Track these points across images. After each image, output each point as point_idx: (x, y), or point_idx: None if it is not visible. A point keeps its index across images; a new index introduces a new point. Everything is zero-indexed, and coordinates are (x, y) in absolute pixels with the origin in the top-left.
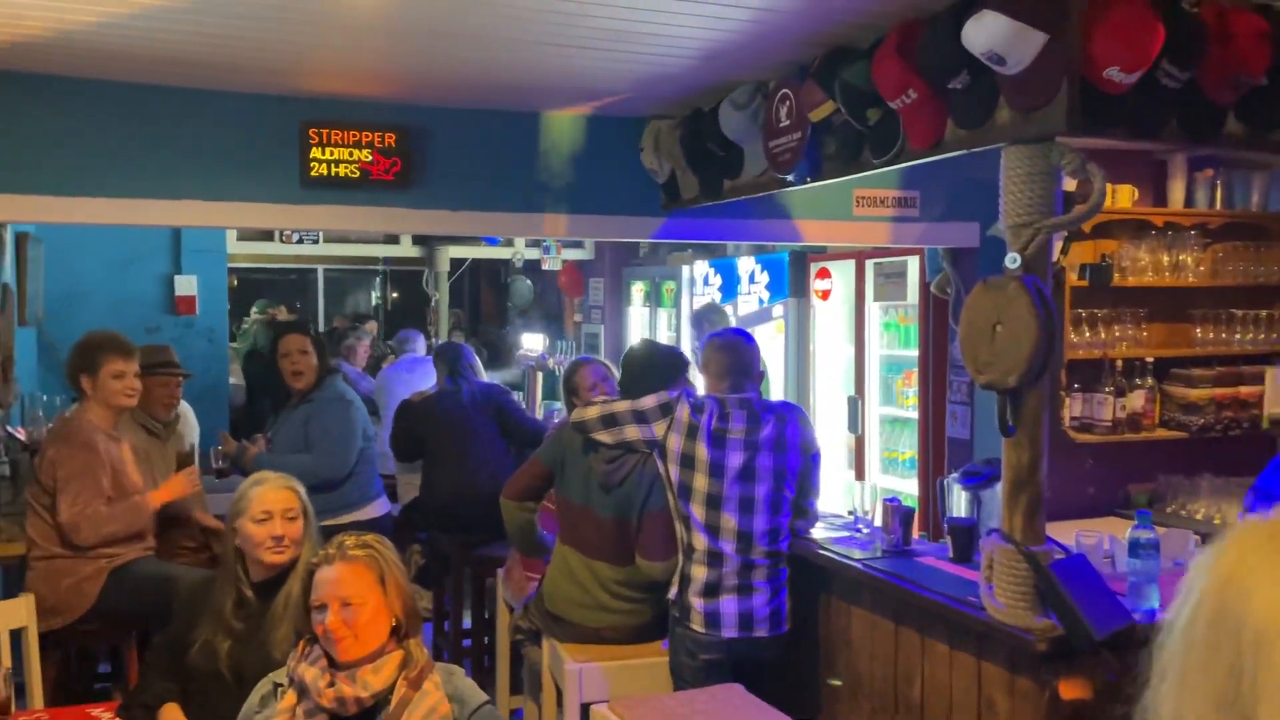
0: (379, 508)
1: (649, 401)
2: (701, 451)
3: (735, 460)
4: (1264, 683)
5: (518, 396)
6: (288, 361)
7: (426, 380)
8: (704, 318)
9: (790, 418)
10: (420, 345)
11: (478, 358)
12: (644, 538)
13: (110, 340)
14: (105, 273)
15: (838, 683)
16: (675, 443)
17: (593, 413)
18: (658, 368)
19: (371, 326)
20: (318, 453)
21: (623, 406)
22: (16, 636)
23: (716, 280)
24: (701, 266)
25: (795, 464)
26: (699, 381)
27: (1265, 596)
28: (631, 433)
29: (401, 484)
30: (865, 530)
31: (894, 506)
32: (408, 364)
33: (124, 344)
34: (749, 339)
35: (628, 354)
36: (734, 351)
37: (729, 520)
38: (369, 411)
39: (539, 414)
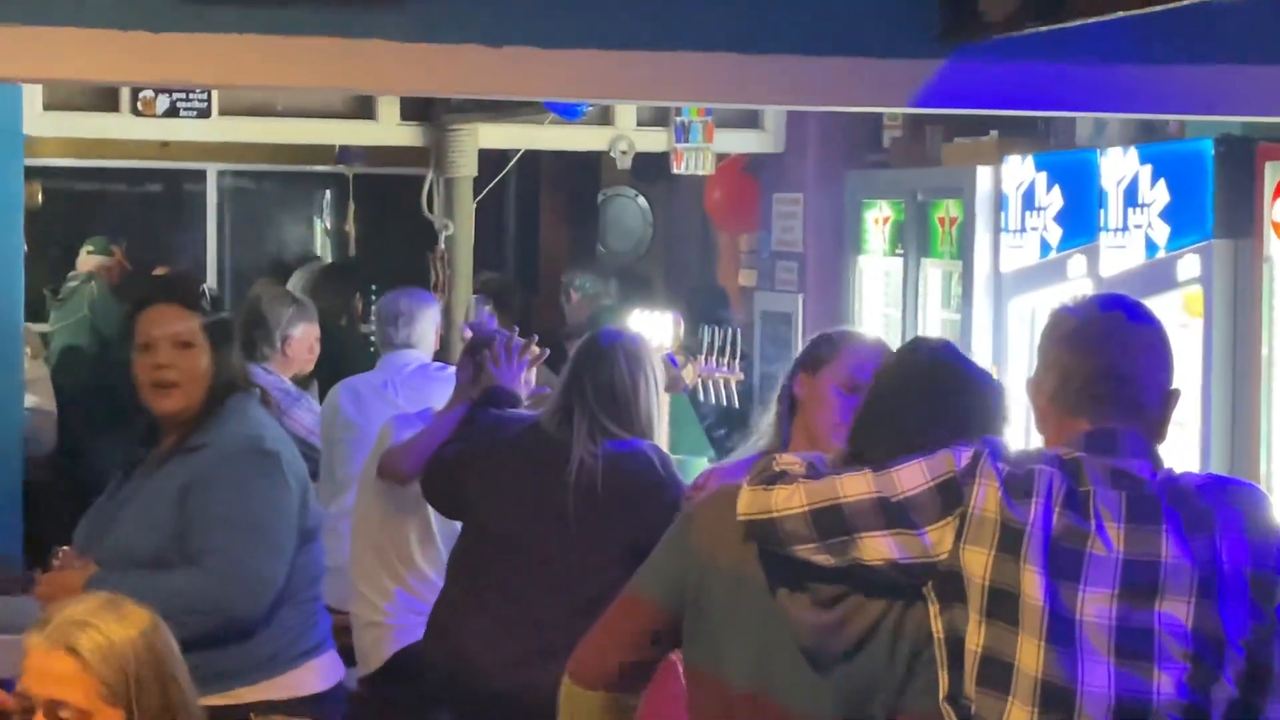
0: (321, 674)
1: (911, 477)
2: (1031, 582)
3: (1100, 610)
4: None
5: None
6: (148, 361)
7: (435, 404)
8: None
9: (1227, 516)
10: (428, 329)
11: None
12: None
13: None
14: None
15: None
16: (973, 562)
17: (790, 501)
18: (934, 395)
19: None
20: (210, 565)
21: (857, 489)
22: None
23: (1052, 199)
24: (1019, 168)
25: (1241, 622)
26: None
27: None
28: (877, 548)
29: (365, 628)
30: None
31: None
32: (412, 374)
33: None
34: (1145, 316)
35: (891, 372)
36: (1108, 343)
37: None
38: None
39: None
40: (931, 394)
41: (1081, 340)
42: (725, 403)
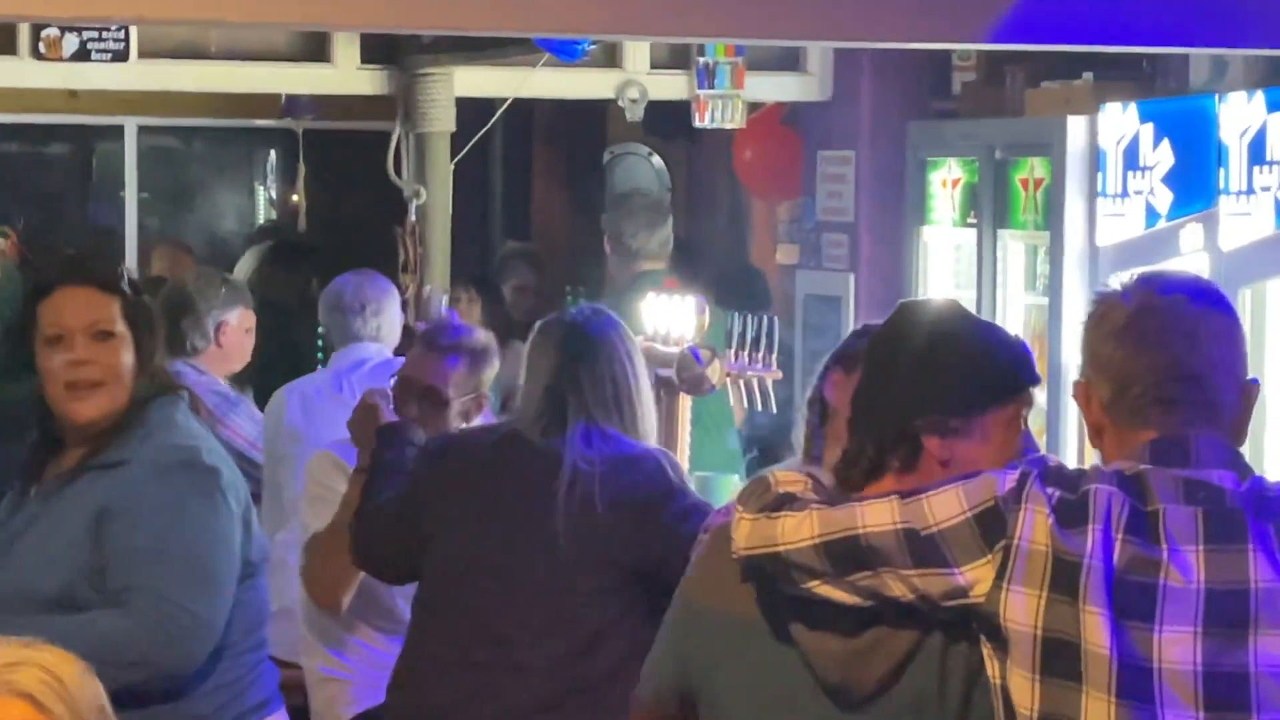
0: None
1: (945, 505)
2: (1094, 628)
3: (1182, 654)
4: None
5: None
6: (62, 357)
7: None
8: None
9: None
10: (396, 321)
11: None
12: None
13: None
14: None
15: None
16: (1019, 606)
17: (798, 531)
18: (983, 383)
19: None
20: (136, 607)
21: (880, 518)
22: None
23: (1160, 156)
24: (1119, 119)
25: None
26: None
27: None
28: (903, 591)
29: (318, 684)
30: None
31: None
32: (371, 372)
33: None
34: (1210, 298)
35: (881, 339)
36: (1171, 337)
37: None
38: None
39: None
40: (924, 370)
41: (1138, 335)
42: (760, 406)
